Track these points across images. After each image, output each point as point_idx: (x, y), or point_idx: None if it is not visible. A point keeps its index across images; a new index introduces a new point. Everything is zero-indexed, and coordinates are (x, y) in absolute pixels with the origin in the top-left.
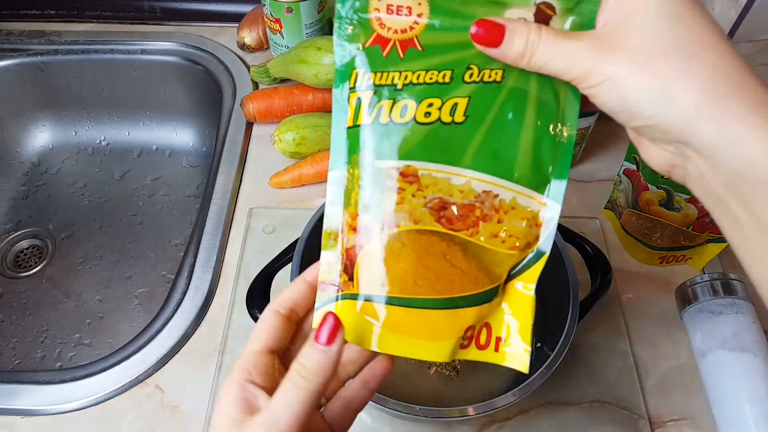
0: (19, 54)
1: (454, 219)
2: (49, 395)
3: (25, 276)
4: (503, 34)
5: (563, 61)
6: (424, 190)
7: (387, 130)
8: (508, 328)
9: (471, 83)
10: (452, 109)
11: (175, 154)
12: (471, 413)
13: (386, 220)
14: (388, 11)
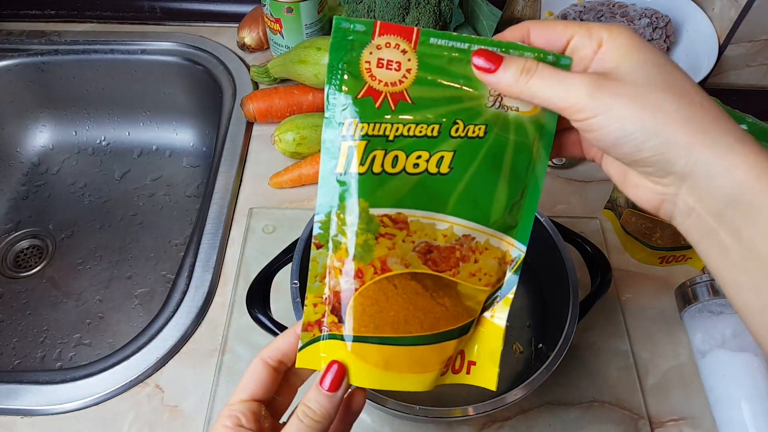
0: (19, 54)
1: (439, 261)
2: (49, 395)
3: (25, 276)
4: (501, 61)
5: (559, 89)
6: (413, 236)
7: (380, 179)
8: (480, 354)
9: (457, 138)
10: (439, 161)
11: (175, 154)
12: (471, 413)
13: (379, 264)
14: (379, 65)
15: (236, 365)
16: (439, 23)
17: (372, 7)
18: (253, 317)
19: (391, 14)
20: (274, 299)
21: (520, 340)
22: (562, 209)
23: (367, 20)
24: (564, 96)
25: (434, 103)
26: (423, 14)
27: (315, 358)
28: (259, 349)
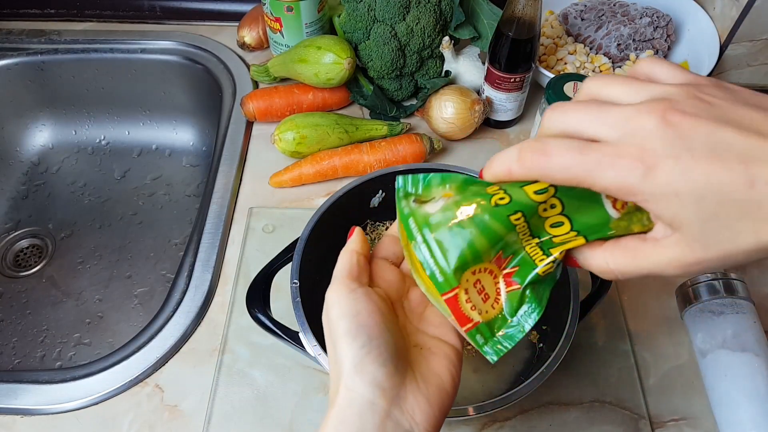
0: (19, 53)
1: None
2: (49, 395)
3: (24, 275)
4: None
5: (647, 268)
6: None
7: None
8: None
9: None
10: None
11: (175, 153)
12: (471, 413)
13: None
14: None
15: (236, 365)
16: (440, 22)
17: (372, 6)
18: (253, 317)
19: (391, 13)
20: (274, 299)
21: (521, 341)
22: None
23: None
24: (658, 273)
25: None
26: (423, 13)
27: None
28: (259, 349)
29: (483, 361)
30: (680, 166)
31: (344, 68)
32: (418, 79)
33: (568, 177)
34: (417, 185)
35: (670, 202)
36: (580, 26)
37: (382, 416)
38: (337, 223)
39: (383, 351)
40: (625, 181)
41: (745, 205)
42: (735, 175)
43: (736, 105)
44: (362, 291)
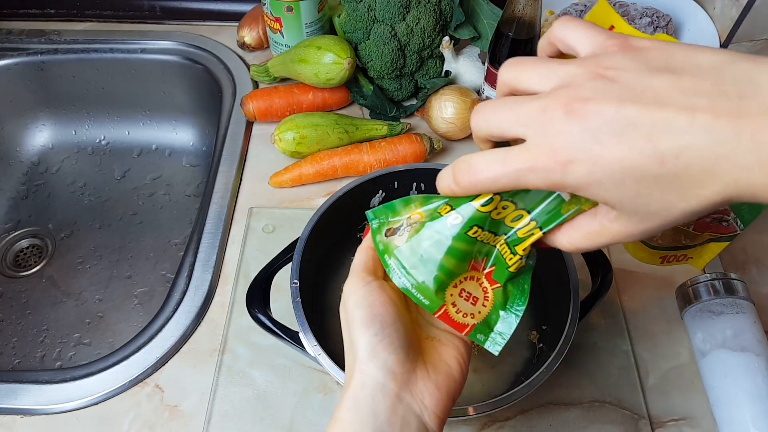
0: (18, 53)
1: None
2: (48, 395)
3: (24, 275)
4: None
5: (598, 242)
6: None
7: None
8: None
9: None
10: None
11: (174, 153)
12: (471, 413)
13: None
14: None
15: (236, 365)
16: (440, 22)
17: (372, 6)
18: (253, 317)
19: (391, 13)
20: (274, 299)
21: (521, 340)
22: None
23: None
24: (607, 243)
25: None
26: (423, 13)
27: None
28: (259, 349)
29: (483, 361)
30: (592, 158)
31: (344, 68)
32: (418, 79)
33: (501, 187)
34: (386, 214)
35: (595, 189)
36: None
37: (392, 398)
38: (337, 223)
39: (395, 339)
40: (549, 180)
41: (664, 180)
42: (644, 156)
43: (641, 74)
44: (377, 284)
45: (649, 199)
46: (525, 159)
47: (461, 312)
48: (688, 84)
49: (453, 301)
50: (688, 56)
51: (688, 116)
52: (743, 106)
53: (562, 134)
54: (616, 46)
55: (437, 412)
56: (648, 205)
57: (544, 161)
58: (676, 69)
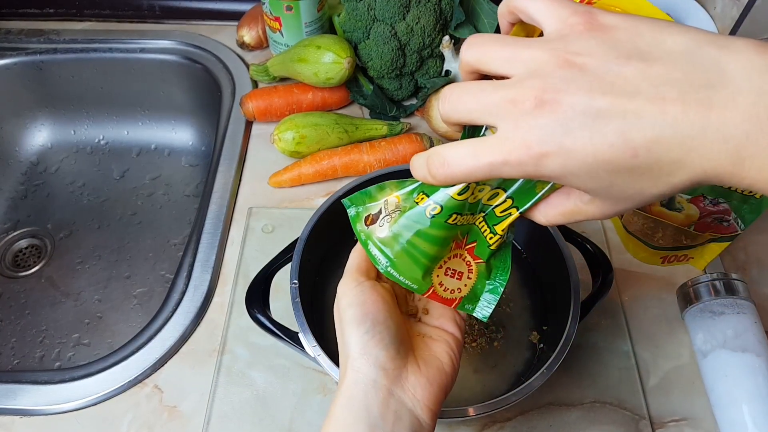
0: (17, 53)
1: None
2: (47, 395)
3: (23, 275)
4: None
5: (574, 217)
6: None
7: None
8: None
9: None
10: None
11: (174, 153)
12: (471, 413)
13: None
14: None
15: (235, 365)
16: (440, 21)
17: (372, 5)
18: (252, 317)
19: (391, 12)
20: (273, 299)
21: (521, 341)
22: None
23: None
24: (582, 218)
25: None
26: (423, 12)
27: None
28: (258, 350)
29: (483, 361)
30: (565, 152)
31: (344, 68)
32: (418, 78)
33: (476, 179)
34: (362, 201)
35: (570, 179)
36: None
37: (384, 393)
38: (336, 223)
39: (386, 336)
40: (524, 172)
41: (636, 171)
42: (617, 149)
43: (609, 60)
44: (369, 284)
45: (623, 186)
46: (498, 152)
47: (448, 289)
48: (658, 73)
49: (440, 281)
50: (657, 39)
51: (658, 108)
52: (711, 97)
53: (534, 128)
54: (581, 24)
55: (429, 405)
56: (622, 192)
57: (517, 155)
58: (645, 55)
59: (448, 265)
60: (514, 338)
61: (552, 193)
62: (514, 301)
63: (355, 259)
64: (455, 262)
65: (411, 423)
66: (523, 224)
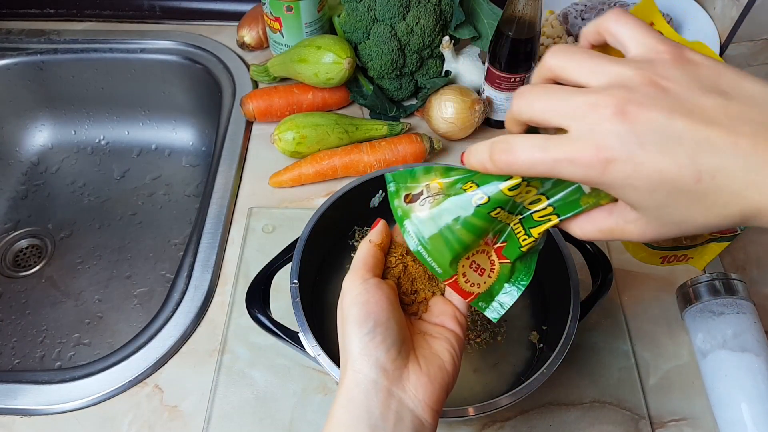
0: (18, 53)
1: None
2: (48, 395)
3: (24, 275)
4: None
5: (616, 236)
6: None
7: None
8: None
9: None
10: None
11: (174, 153)
12: (471, 413)
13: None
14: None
15: (236, 365)
16: (440, 22)
17: (372, 5)
18: (252, 317)
19: (391, 13)
20: (273, 299)
21: (521, 341)
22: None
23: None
24: (622, 238)
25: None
26: (423, 13)
27: None
28: (258, 349)
29: (483, 361)
30: (633, 163)
31: (344, 68)
32: (418, 78)
33: (535, 173)
34: (405, 179)
35: (628, 192)
36: (580, 26)
37: (385, 394)
38: (337, 223)
39: (387, 337)
40: (586, 175)
41: (694, 196)
42: (684, 169)
43: (692, 90)
44: (373, 282)
45: (676, 210)
46: (567, 151)
47: (469, 282)
48: (736, 110)
49: (464, 272)
50: (737, 81)
51: (731, 139)
52: None
53: (610, 133)
54: (668, 54)
55: (431, 404)
56: (670, 215)
57: (586, 156)
58: (725, 92)
59: (474, 258)
60: (514, 338)
61: (594, 208)
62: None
63: (362, 254)
64: (481, 257)
65: (412, 423)
66: None
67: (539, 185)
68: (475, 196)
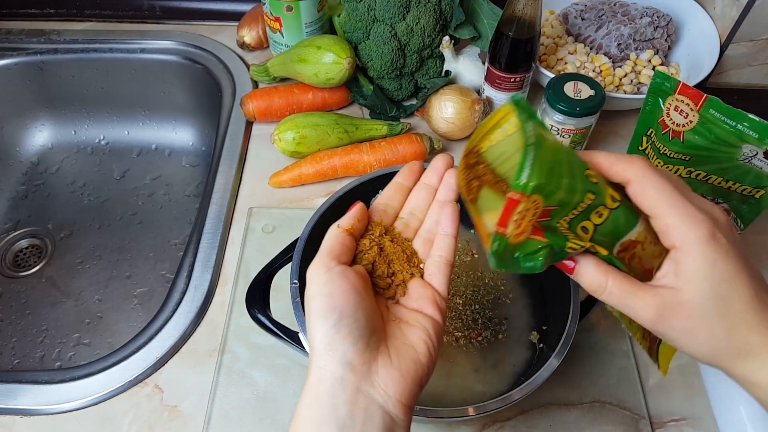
0: (18, 53)
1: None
2: (48, 395)
3: (24, 275)
4: (574, 267)
5: (629, 305)
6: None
7: None
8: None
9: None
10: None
11: (174, 153)
12: (471, 413)
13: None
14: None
15: (236, 365)
16: (440, 22)
17: (372, 5)
18: (252, 317)
19: (391, 13)
20: (273, 299)
21: (521, 341)
22: None
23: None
24: (633, 317)
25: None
26: (423, 13)
27: None
28: (258, 349)
29: (483, 361)
30: (707, 266)
31: (344, 68)
32: (418, 78)
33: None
34: (535, 117)
35: (691, 278)
36: (580, 26)
37: (352, 391)
38: None
39: (354, 330)
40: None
41: (713, 359)
42: (723, 350)
43: (744, 253)
44: (338, 270)
45: (702, 346)
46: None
47: (516, 219)
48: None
49: (525, 206)
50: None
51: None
52: None
53: (699, 243)
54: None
55: (402, 400)
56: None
57: (679, 237)
58: None
59: (531, 209)
60: (514, 338)
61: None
62: (514, 301)
63: (329, 242)
64: (529, 216)
65: (383, 420)
66: None
67: (610, 218)
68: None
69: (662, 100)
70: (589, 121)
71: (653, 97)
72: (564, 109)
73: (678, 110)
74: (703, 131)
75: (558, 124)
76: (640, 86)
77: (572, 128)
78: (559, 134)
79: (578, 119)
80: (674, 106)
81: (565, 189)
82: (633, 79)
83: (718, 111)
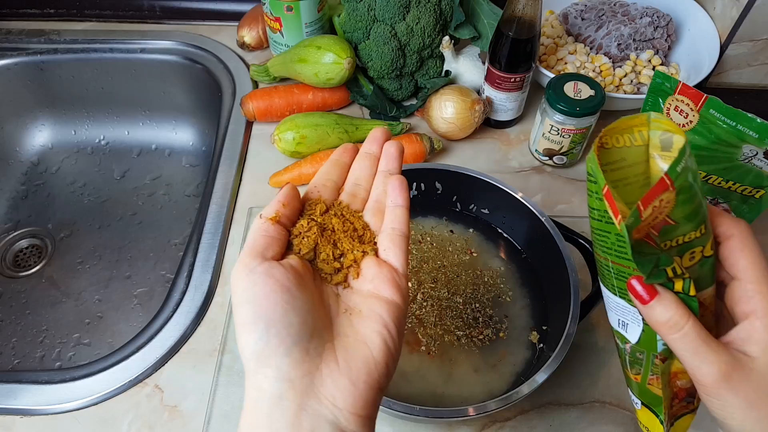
0: (18, 53)
1: None
2: (48, 395)
3: (24, 275)
4: (655, 296)
5: (694, 360)
6: None
7: None
8: None
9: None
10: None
11: (174, 153)
12: (471, 413)
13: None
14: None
15: (236, 365)
16: (440, 22)
17: (372, 5)
18: None
19: (391, 13)
20: None
21: (521, 341)
22: (563, 209)
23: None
24: (695, 369)
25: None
26: (423, 13)
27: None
28: None
29: (483, 360)
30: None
31: (344, 68)
32: (418, 79)
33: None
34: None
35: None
36: (580, 26)
37: (293, 411)
38: None
39: (286, 338)
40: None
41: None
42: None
43: None
44: (261, 270)
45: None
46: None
47: (654, 210)
48: None
49: (660, 210)
50: None
51: None
52: None
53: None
54: None
55: (356, 411)
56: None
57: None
58: None
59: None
60: (514, 338)
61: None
62: (514, 301)
63: (249, 237)
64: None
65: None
66: (522, 223)
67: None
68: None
69: (662, 100)
70: (589, 121)
71: (653, 97)
72: (564, 109)
73: (678, 110)
74: (703, 131)
75: (558, 124)
76: (640, 86)
77: (572, 128)
78: (559, 134)
79: (578, 119)
80: (674, 106)
81: (695, 205)
82: (633, 79)
83: (718, 111)
